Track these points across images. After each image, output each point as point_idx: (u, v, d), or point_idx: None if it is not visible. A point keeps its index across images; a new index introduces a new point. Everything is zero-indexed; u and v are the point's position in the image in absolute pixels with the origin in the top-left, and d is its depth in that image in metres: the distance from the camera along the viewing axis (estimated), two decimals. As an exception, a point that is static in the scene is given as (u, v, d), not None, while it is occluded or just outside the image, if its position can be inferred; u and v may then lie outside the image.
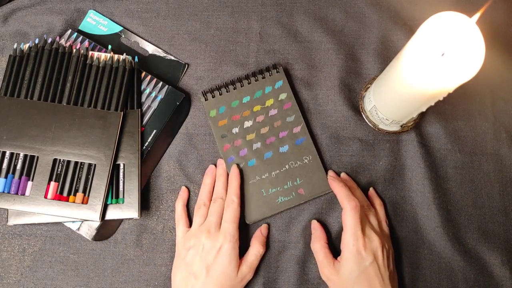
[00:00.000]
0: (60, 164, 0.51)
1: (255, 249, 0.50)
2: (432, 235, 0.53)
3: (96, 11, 0.59)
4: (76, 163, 0.51)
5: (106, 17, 0.59)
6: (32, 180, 0.51)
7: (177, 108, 0.55)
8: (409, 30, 0.59)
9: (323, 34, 0.59)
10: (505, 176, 0.55)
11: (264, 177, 0.54)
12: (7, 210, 0.50)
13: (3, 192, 0.50)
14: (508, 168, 0.56)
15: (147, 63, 0.57)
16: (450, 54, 0.39)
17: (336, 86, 0.57)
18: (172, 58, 0.58)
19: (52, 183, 0.51)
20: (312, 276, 0.52)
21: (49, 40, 0.54)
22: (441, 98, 0.43)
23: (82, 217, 0.50)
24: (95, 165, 0.51)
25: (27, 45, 0.54)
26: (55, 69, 0.53)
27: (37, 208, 0.50)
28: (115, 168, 0.52)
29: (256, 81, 0.56)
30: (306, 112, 0.57)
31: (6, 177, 0.51)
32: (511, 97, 0.58)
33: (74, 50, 0.54)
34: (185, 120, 0.56)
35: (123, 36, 0.58)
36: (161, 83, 0.56)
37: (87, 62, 0.54)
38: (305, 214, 0.54)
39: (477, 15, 0.39)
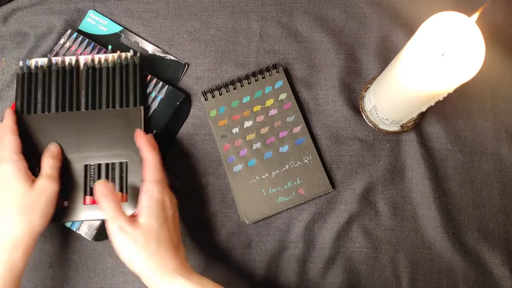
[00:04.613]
0: (92, 169, 0.51)
1: (45, 162, 0.48)
2: (432, 235, 0.53)
3: (96, 11, 0.59)
4: (107, 164, 0.51)
5: (106, 17, 0.59)
6: (68, 191, 0.50)
7: (177, 108, 0.55)
8: (409, 30, 0.59)
9: (323, 34, 0.59)
10: (505, 176, 0.55)
11: (264, 177, 0.54)
12: None
13: None
14: (508, 168, 0.56)
15: (147, 63, 0.57)
16: (450, 54, 0.39)
17: (336, 86, 0.57)
18: (172, 58, 0.58)
19: (88, 197, 0.51)
20: (312, 276, 0.52)
21: (54, 61, 0.54)
22: (441, 98, 0.43)
23: None
24: (126, 162, 0.51)
25: (33, 62, 0.54)
26: (66, 85, 0.53)
27: (78, 216, 0.50)
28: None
29: (256, 81, 0.56)
30: (306, 112, 0.57)
31: None
32: (511, 97, 0.58)
33: (82, 65, 0.54)
34: (185, 120, 0.56)
35: (123, 36, 0.58)
36: (161, 83, 0.56)
37: (96, 67, 0.54)
38: (305, 214, 0.54)
39: (476, 14, 0.39)
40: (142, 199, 0.45)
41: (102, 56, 0.55)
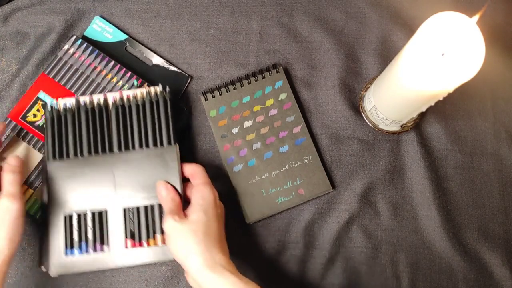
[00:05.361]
0: (130, 212, 0.49)
1: (4, 178, 0.45)
2: (432, 235, 0.53)
3: (103, 17, 0.58)
4: (146, 206, 0.49)
5: (112, 24, 0.58)
6: (107, 236, 0.49)
7: (178, 121, 0.55)
8: (409, 30, 0.59)
9: (323, 34, 0.59)
10: (505, 176, 0.55)
11: (264, 177, 0.54)
12: (47, 255, 0.48)
13: (81, 253, 0.48)
14: (508, 168, 0.56)
15: (150, 73, 0.57)
16: (450, 54, 0.39)
17: (336, 86, 0.57)
18: (176, 69, 0.57)
19: (129, 241, 0.49)
20: (312, 276, 0.52)
21: (82, 102, 0.52)
22: (441, 98, 0.43)
23: (165, 259, 0.48)
24: None
25: (61, 104, 0.52)
26: (96, 126, 0.51)
27: (118, 262, 0.48)
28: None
29: (256, 81, 0.56)
30: (306, 112, 0.57)
31: (80, 247, 0.48)
32: (511, 97, 0.58)
33: (111, 104, 0.52)
34: (185, 132, 0.56)
35: (128, 44, 0.58)
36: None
37: (125, 105, 0.52)
38: (305, 214, 0.54)
39: (476, 16, 0.39)
40: (194, 198, 0.46)
41: (131, 93, 0.52)
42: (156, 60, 0.57)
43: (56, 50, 0.57)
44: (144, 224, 0.49)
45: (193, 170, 0.49)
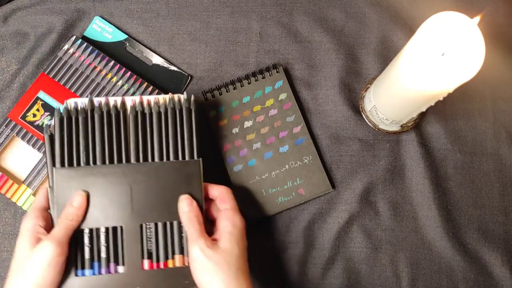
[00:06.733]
0: (148, 229, 0.45)
1: (58, 220, 0.42)
2: (432, 235, 0.53)
3: (103, 17, 0.59)
4: (164, 224, 0.45)
5: (112, 24, 0.58)
6: (123, 255, 0.44)
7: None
8: (409, 30, 0.59)
9: (323, 34, 0.59)
10: (505, 176, 0.55)
11: (264, 177, 0.54)
12: None
13: (94, 274, 0.43)
14: (508, 168, 0.56)
15: (150, 73, 0.57)
16: (450, 54, 0.39)
17: (336, 86, 0.57)
18: (176, 69, 0.57)
19: (146, 261, 0.44)
20: (312, 276, 0.52)
21: (97, 103, 0.46)
22: (441, 98, 0.43)
23: (185, 285, 0.44)
24: None
25: (71, 103, 0.46)
26: (112, 131, 0.46)
27: (134, 285, 0.44)
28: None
29: (256, 81, 0.56)
30: (306, 112, 0.57)
31: (91, 267, 0.43)
32: (511, 97, 0.58)
33: (129, 108, 0.46)
34: None
35: (127, 44, 0.58)
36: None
37: (145, 111, 0.46)
38: (305, 214, 0.54)
39: (477, 18, 0.39)
40: (224, 225, 0.43)
41: (152, 98, 0.47)
42: (156, 60, 0.58)
43: (56, 50, 0.57)
44: (162, 243, 0.45)
45: (221, 193, 0.46)
